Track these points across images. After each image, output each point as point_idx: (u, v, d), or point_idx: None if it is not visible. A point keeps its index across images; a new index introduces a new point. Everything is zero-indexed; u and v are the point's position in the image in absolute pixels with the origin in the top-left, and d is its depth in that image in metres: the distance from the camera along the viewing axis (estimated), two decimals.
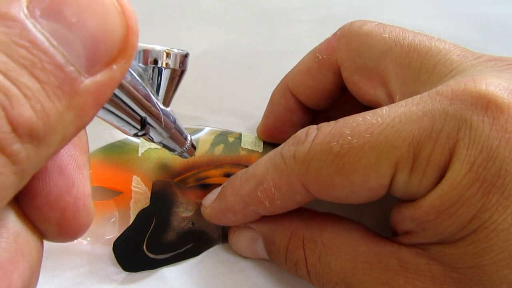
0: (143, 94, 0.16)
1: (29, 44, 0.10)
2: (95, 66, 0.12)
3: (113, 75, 0.12)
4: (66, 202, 0.14)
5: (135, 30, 0.12)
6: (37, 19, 0.11)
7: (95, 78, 0.12)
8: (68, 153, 0.14)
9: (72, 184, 0.14)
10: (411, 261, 0.19)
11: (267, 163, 0.22)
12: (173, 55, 0.17)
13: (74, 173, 0.14)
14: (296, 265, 0.23)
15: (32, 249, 0.13)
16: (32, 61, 0.10)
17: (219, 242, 0.26)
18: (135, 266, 0.25)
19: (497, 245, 0.17)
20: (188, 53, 0.18)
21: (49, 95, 0.11)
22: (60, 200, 0.14)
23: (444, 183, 0.18)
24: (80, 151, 0.15)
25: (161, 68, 0.17)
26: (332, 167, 0.19)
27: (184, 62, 0.18)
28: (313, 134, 0.20)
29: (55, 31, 0.11)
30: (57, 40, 0.11)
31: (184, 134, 0.20)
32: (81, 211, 0.14)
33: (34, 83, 0.11)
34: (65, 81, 0.11)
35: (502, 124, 0.17)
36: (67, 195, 0.14)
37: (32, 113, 0.10)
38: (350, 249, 0.21)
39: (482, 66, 0.20)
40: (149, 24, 0.36)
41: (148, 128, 0.17)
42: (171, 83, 0.18)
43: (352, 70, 0.23)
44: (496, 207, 0.17)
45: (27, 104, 0.10)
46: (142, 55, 0.17)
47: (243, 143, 0.27)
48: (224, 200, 0.24)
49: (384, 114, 0.19)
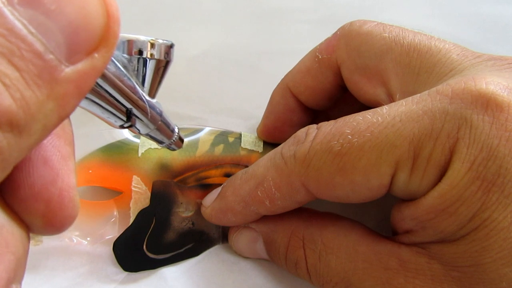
0: (128, 85, 0.16)
1: (6, 32, 0.10)
2: (75, 54, 0.11)
3: (94, 64, 0.12)
4: (51, 193, 0.14)
5: (116, 18, 0.12)
6: (15, 6, 0.10)
7: (76, 66, 0.11)
8: (52, 144, 0.14)
9: (57, 175, 0.14)
10: (411, 260, 0.19)
11: (267, 163, 0.22)
12: (158, 45, 0.17)
13: (58, 164, 0.14)
14: (296, 265, 0.23)
15: (17, 241, 0.13)
16: (10, 49, 0.10)
17: (219, 242, 0.26)
18: (135, 266, 0.25)
19: (497, 244, 0.17)
20: (173, 43, 0.18)
21: (29, 83, 0.11)
22: (44, 192, 0.14)
23: (445, 182, 0.18)
24: (64, 142, 0.14)
25: (146, 58, 0.17)
26: (333, 167, 0.19)
27: (169, 53, 0.18)
28: (313, 134, 0.20)
29: (33, 19, 0.11)
30: (35, 27, 0.11)
31: (171, 127, 0.19)
32: (66, 202, 0.14)
33: (13, 71, 0.10)
34: (44, 69, 0.11)
35: (502, 123, 0.17)
36: (51, 187, 0.14)
37: (12, 102, 0.10)
38: (350, 249, 0.21)
39: (482, 65, 0.20)
40: (149, 24, 0.36)
41: (134, 120, 0.17)
42: (156, 74, 0.17)
43: (352, 69, 0.23)
44: (496, 206, 0.17)
45: (6, 92, 0.10)
46: (127, 45, 0.16)
47: (243, 143, 0.27)
48: (224, 200, 0.24)
49: (384, 113, 0.19)
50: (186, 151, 0.26)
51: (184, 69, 0.35)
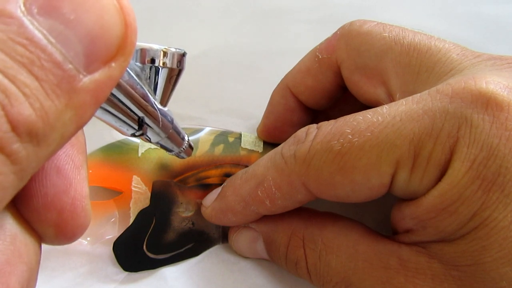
0: (141, 93, 0.16)
1: (26, 42, 0.10)
2: (93, 63, 0.11)
3: (111, 73, 0.12)
4: (64, 203, 0.14)
5: (134, 28, 0.12)
6: (34, 16, 0.11)
7: (93, 76, 0.11)
8: (66, 153, 0.14)
9: (70, 184, 0.14)
10: (412, 260, 0.19)
11: (267, 163, 0.22)
12: (170, 54, 0.17)
13: (71, 173, 0.14)
14: (297, 265, 0.23)
15: (30, 251, 0.13)
16: (31, 58, 0.10)
17: (219, 242, 0.26)
18: (135, 266, 0.25)
19: (498, 243, 0.17)
20: (186, 52, 0.18)
21: (48, 93, 0.11)
22: (57, 201, 0.14)
23: (445, 181, 0.18)
24: (77, 151, 0.14)
25: (158, 67, 0.17)
26: (333, 166, 0.19)
27: (182, 61, 0.18)
28: (313, 133, 0.20)
29: (52, 28, 0.11)
30: (55, 37, 0.11)
31: (181, 134, 0.20)
32: (78, 212, 0.14)
33: (33, 81, 0.10)
34: (63, 79, 0.11)
35: (502, 122, 0.17)
36: (64, 196, 0.14)
37: (31, 112, 0.10)
38: (350, 248, 0.21)
39: (481, 65, 0.20)
40: (149, 24, 0.36)
41: (145, 128, 0.17)
42: (168, 83, 0.17)
43: (352, 69, 0.23)
44: (497, 205, 0.17)
45: (26, 102, 0.10)
46: (139, 54, 0.16)
47: (243, 143, 0.27)
48: (224, 200, 0.24)
49: (385, 112, 0.19)
50: None
51: None
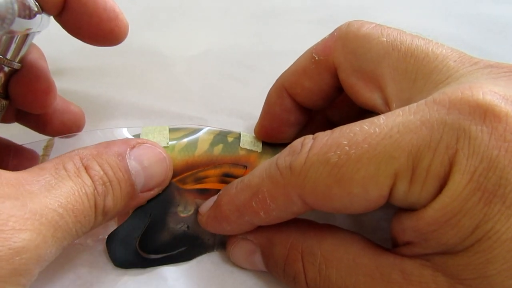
0: None
1: (124, 170, 0.22)
2: (145, 189, 0.23)
3: (151, 194, 0.24)
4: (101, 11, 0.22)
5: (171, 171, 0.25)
6: (130, 160, 0.22)
7: (143, 195, 0.24)
8: None
9: None
10: (415, 273, 0.19)
11: (262, 174, 0.21)
12: None
13: None
14: (295, 279, 0.22)
15: None
16: (122, 178, 0.22)
17: (213, 250, 0.26)
18: (126, 263, 0.25)
19: (501, 255, 0.17)
20: None
21: (123, 197, 0.22)
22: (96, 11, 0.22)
23: (445, 193, 0.17)
24: None
25: None
26: (330, 178, 0.19)
27: None
28: (309, 144, 0.20)
29: (135, 168, 0.22)
30: (134, 172, 0.22)
31: None
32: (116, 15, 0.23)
33: (119, 190, 0.22)
34: (131, 193, 0.23)
35: (501, 133, 0.17)
36: None
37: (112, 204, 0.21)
38: (351, 262, 0.20)
39: (478, 73, 0.20)
40: (149, 24, 0.36)
41: None
42: None
43: (349, 72, 0.23)
44: (499, 217, 0.17)
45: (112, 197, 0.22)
46: None
47: (242, 143, 0.27)
48: (219, 209, 0.24)
49: (382, 123, 0.18)
50: (185, 151, 0.26)
51: (184, 69, 0.35)
